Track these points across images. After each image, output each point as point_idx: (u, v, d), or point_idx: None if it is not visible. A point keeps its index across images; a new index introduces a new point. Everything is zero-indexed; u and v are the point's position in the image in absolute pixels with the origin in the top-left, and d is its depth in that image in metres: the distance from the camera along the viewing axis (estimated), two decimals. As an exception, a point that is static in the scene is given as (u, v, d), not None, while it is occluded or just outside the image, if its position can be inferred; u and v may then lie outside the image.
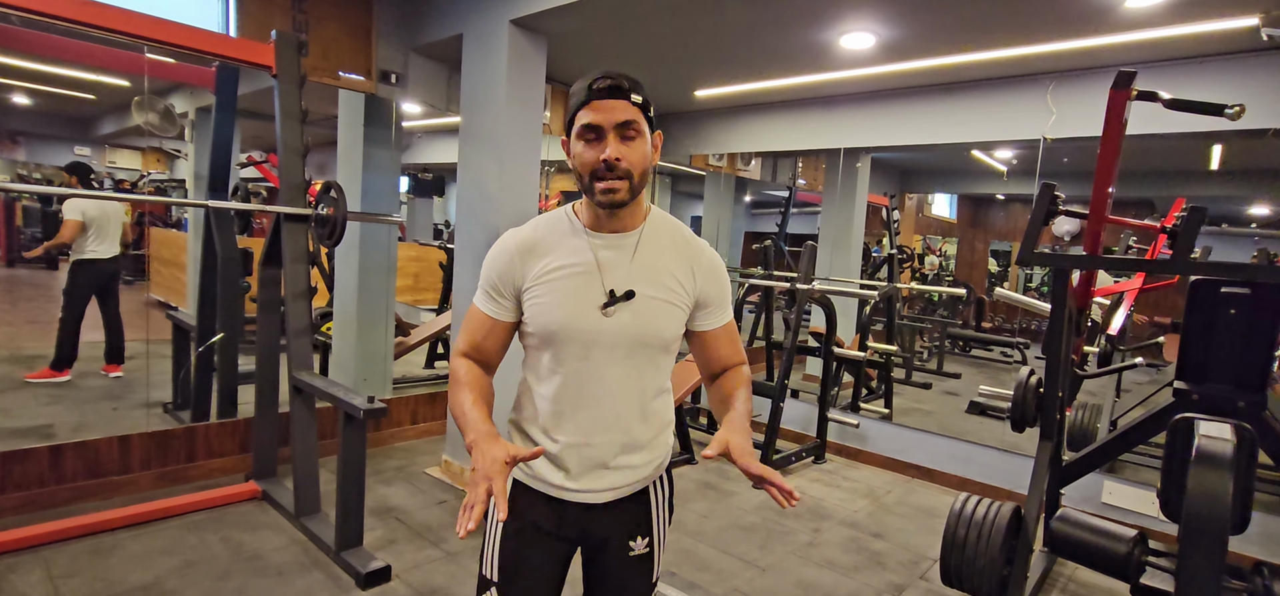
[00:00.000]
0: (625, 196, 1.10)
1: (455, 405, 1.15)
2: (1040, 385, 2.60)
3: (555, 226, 1.19)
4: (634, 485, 1.22)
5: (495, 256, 1.19)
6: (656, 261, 1.17)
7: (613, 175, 1.08)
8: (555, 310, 1.14)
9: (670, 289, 1.17)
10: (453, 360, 1.22)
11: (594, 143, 1.09)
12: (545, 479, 1.19)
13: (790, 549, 3.06)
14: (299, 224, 2.93)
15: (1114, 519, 3.44)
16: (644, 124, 1.11)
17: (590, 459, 1.17)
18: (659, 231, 1.20)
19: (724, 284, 1.24)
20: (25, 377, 4.40)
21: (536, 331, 1.16)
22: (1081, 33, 3.05)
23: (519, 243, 1.18)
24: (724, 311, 1.25)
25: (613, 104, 1.08)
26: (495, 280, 1.18)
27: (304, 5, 3.42)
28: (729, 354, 1.27)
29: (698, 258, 1.21)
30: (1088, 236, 2.30)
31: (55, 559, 2.46)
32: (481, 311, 1.21)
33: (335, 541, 2.57)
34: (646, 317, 1.15)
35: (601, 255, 1.15)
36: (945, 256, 8.09)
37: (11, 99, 7.36)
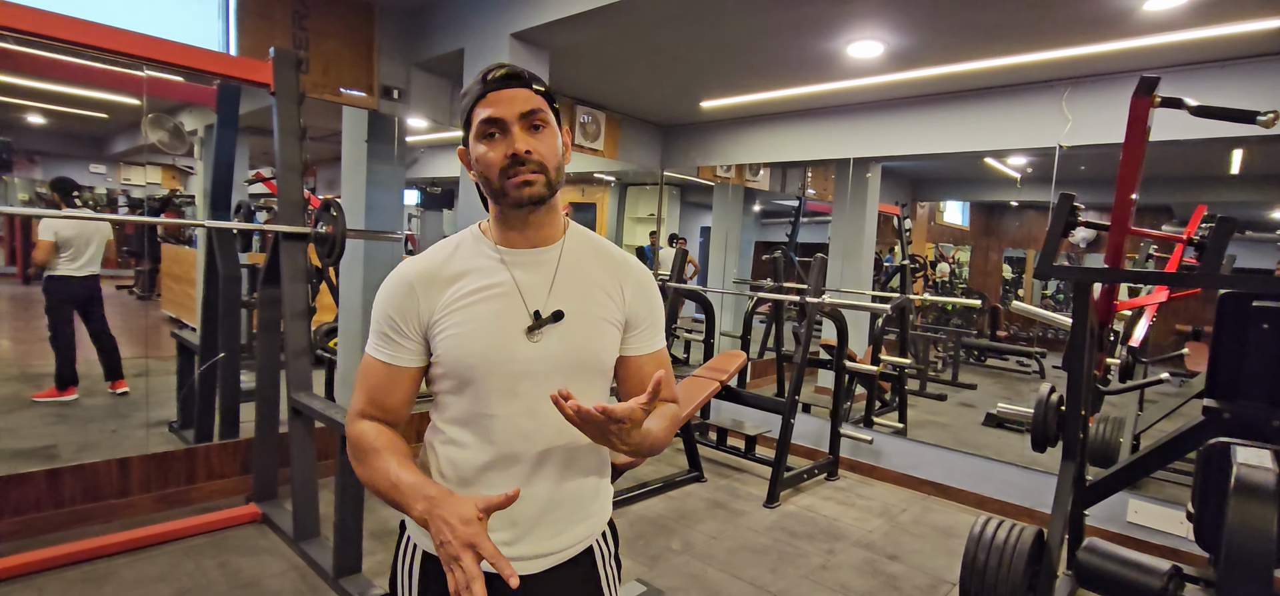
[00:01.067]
0: (543, 191, 0.97)
1: (378, 477, 0.95)
2: (1062, 402, 2.50)
3: (460, 248, 1.04)
4: (580, 544, 1.06)
5: (390, 292, 1.01)
6: (582, 277, 1.04)
7: (525, 168, 0.95)
8: (472, 341, 0.97)
9: (601, 305, 1.04)
10: (350, 425, 1.03)
11: (497, 139, 0.96)
12: None
13: (803, 572, 2.97)
14: (297, 243, 2.89)
15: (1140, 540, 3.33)
16: (550, 115, 0.99)
17: (529, 519, 1.00)
18: (582, 245, 1.07)
19: (655, 304, 1.10)
20: (32, 396, 4.40)
21: (450, 370, 0.99)
22: (1098, 37, 2.96)
23: (419, 271, 1.01)
24: (655, 336, 1.11)
25: (513, 93, 0.96)
26: (393, 318, 1.00)
27: (304, 23, 3.40)
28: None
29: (625, 273, 1.08)
30: (1110, 248, 2.21)
31: (48, 586, 2.42)
32: (378, 361, 1.01)
33: (333, 567, 2.51)
34: (580, 339, 1.01)
35: (518, 274, 1.01)
36: (959, 263, 7.96)
37: (27, 119, 7.45)
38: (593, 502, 1.08)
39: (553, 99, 1.02)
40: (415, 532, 1.05)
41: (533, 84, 0.98)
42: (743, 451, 4.34)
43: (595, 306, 1.03)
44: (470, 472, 1.00)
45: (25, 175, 8.54)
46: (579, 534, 1.05)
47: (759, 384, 6.24)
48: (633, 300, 1.07)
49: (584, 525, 1.06)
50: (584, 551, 1.07)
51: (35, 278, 9.01)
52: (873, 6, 2.82)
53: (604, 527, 1.12)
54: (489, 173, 0.97)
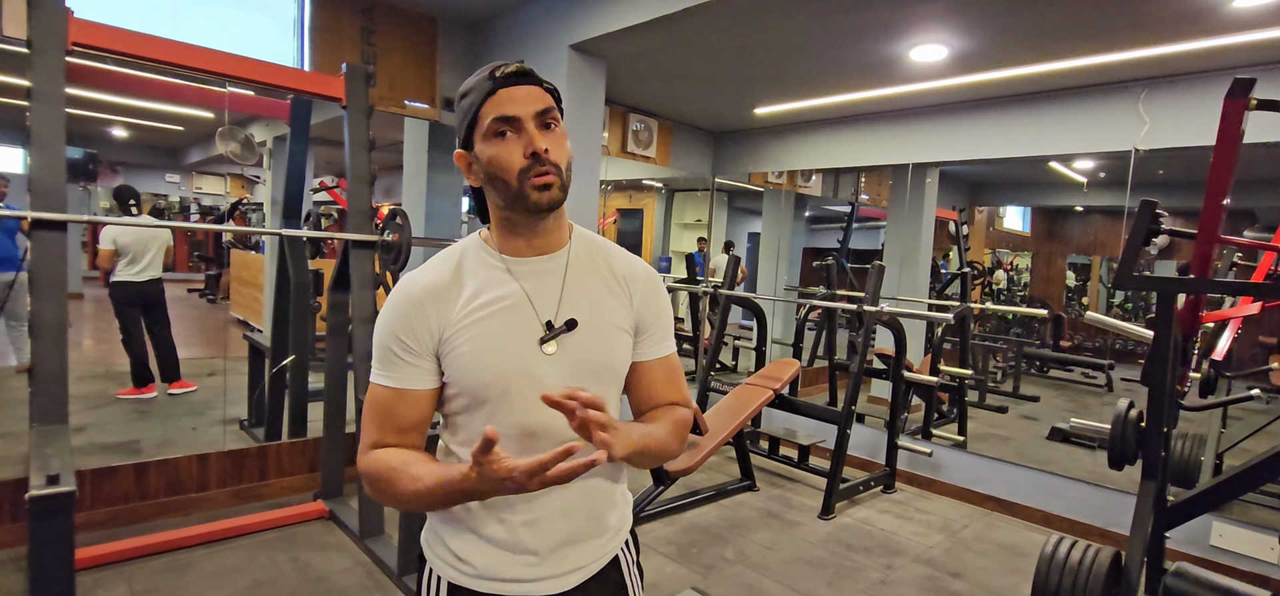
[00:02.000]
0: (559, 195, 0.92)
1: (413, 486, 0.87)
2: (1141, 419, 2.38)
3: (464, 259, 0.98)
4: (605, 557, 1.02)
5: (397, 310, 0.95)
6: (591, 282, 1.00)
7: (545, 170, 0.90)
8: (487, 357, 0.92)
9: (612, 310, 1.00)
10: (362, 460, 0.94)
11: (511, 138, 0.90)
12: (501, 575, 0.96)
13: (861, 586, 2.91)
14: (366, 250, 3.00)
15: (1226, 565, 3.14)
16: (559, 115, 0.95)
17: (554, 536, 0.96)
18: (588, 249, 1.02)
19: (663, 307, 1.05)
20: (117, 394, 4.67)
21: (464, 388, 0.94)
22: (1179, 36, 2.82)
23: (427, 285, 0.95)
24: (664, 340, 1.06)
25: (527, 91, 0.91)
26: (402, 338, 0.94)
27: (372, 39, 3.53)
28: (668, 393, 1.06)
29: (633, 275, 1.03)
30: (1197, 257, 2.10)
31: (136, 574, 2.56)
32: (386, 388, 0.94)
33: (397, 565, 2.58)
34: (595, 347, 0.97)
35: (527, 284, 0.96)
36: (1017, 269, 7.69)
37: (110, 132, 7.94)
38: (611, 512, 1.04)
39: (560, 100, 0.97)
40: (438, 564, 1.00)
41: (543, 82, 0.94)
42: (796, 461, 4.28)
43: (606, 313, 1.00)
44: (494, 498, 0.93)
45: (108, 184, 9.09)
46: (602, 546, 1.02)
47: (809, 392, 6.15)
48: (641, 304, 1.03)
49: (606, 536, 1.03)
50: (610, 563, 1.04)
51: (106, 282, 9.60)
52: (938, 10, 2.76)
53: (627, 537, 1.09)
54: (505, 174, 0.91)
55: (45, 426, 2.10)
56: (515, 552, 0.95)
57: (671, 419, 1.03)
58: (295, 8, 3.49)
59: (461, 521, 0.97)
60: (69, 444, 2.04)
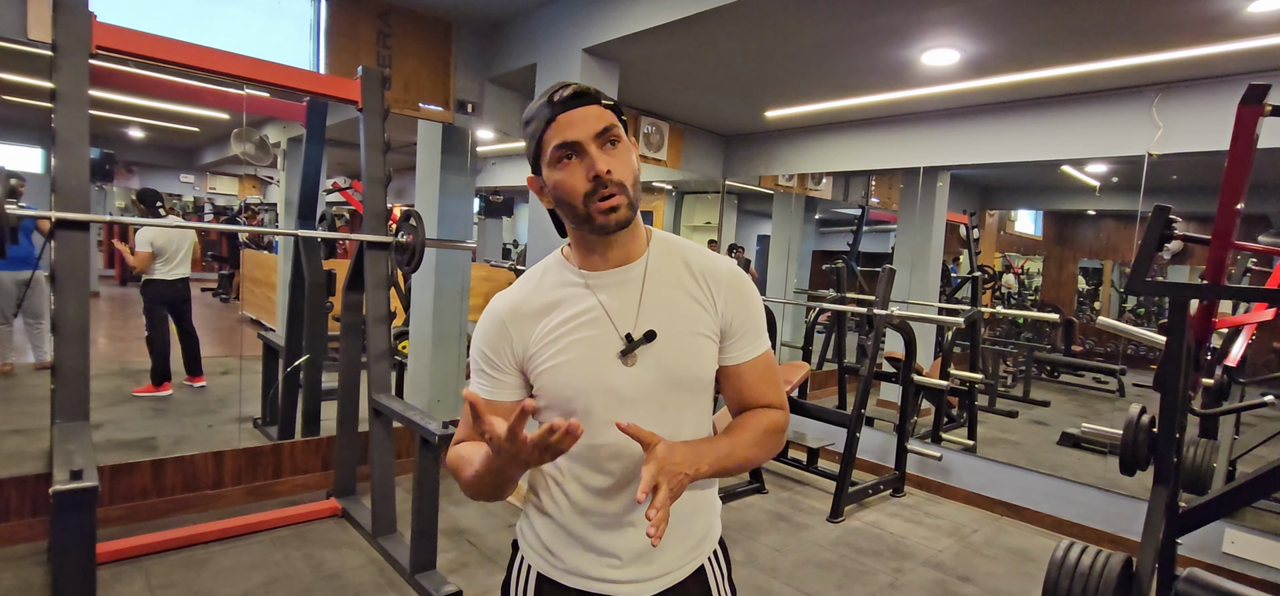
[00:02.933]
0: (627, 213, 0.93)
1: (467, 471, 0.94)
2: (1153, 424, 2.38)
3: (546, 277, 1.02)
4: (689, 565, 1.03)
5: (484, 329, 1.01)
6: (670, 290, 0.99)
7: (609, 192, 0.91)
8: (568, 373, 0.96)
9: (693, 318, 0.99)
10: (449, 453, 1.01)
11: (574, 162, 0.92)
12: (587, 573, 0.99)
13: (870, 590, 2.91)
14: (380, 251, 3.03)
15: (1239, 573, 3.12)
16: (622, 130, 0.95)
17: (638, 542, 0.98)
18: (666, 255, 1.01)
19: (752, 304, 1.03)
20: (133, 392, 4.73)
21: (551, 402, 0.98)
22: (1194, 41, 2.81)
23: (509, 306, 1.00)
24: (756, 340, 1.03)
25: (584, 112, 0.91)
26: (489, 355, 1.00)
27: (387, 42, 3.57)
28: (763, 394, 1.04)
29: (716, 276, 1.01)
30: (1211, 263, 2.09)
31: (154, 569, 2.60)
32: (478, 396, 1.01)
33: (410, 563, 2.61)
34: (674, 358, 0.97)
35: (604, 298, 0.98)
36: (1028, 273, 7.65)
37: (127, 133, 8.05)
38: (695, 521, 1.03)
39: (620, 112, 0.97)
40: (529, 554, 1.05)
41: (602, 99, 0.94)
42: (804, 464, 4.28)
43: (687, 321, 0.99)
44: (583, 502, 0.99)
45: (124, 185, 9.21)
46: (685, 555, 1.02)
47: (818, 395, 6.14)
48: (727, 306, 1.01)
49: (688, 544, 1.03)
50: (695, 573, 1.04)
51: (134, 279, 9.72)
52: (950, 14, 2.76)
53: (714, 547, 1.08)
54: (571, 199, 0.93)
55: (67, 423, 2.14)
56: (599, 554, 0.99)
57: (760, 426, 1.01)
58: (312, 11, 3.53)
59: (553, 517, 1.01)
60: (91, 440, 2.08)
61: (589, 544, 0.99)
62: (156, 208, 4.74)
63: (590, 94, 0.93)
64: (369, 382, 2.94)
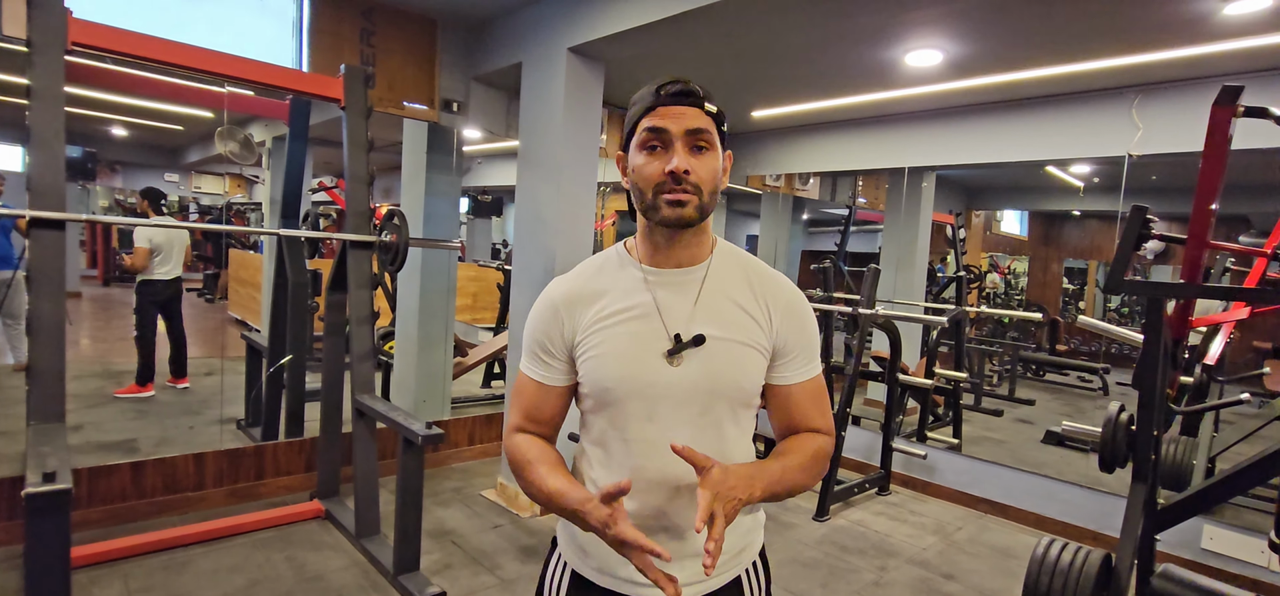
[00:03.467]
0: (694, 214, 0.94)
1: (536, 487, 0.97)
2: (1132, 422, 2.40)
3: (605, 266, 1.03)
4: (724, 575, 1.02)
5: (538, 312, 1.04)
6: (727, 299, 0.99)
7: (680, 188, 0.92)
8: (611, 363, 0.97)
9: (745, 330, 0.99)
10: (508, 440, 1.05)
11: (659, 153, 0.94)
12: (618, 573, 0.99)
13: (855, 588, 2.92)
14: (364, 250, 3.01)
15: (1217, 568, 3.16)
16: (716, 137, 0.96)
17: (667, 546, 0.97)
18: (728, 265, 1.02)
19: (809, 328, 1.03)
20: (114, 393, 4.67)
21: (591, 390, 0.99)
22: (1172, 43, 2.84)
23: (564, 293, 1.02)
24: (808, 363, 1.03)
25: (683, 110, 0.93)
26: (541, 339, 1.02)
27: (371, 39, 3.55)
28: (811, 418, 1.03)
29: (775, 295, 1.02)
30: (1187, 262, 2.12)
31: (133, 572, 2.57)
32: (530, 379, 1.04)
33: (393, 565, 2.60)
34: (721, 365, 0.97)
35: (660, 294, 0.98)
36: (1015, 273, 7.72)
37: (110, 131, 7.95)
38: (733, 533, 1.00)
39: (722, 121, 0.98)
40: (567, 551, 1.07)
41: (706, 102, 0.95)
42: (791, 463, 4.29)
43: (739, 331, 0.98)
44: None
45: (107, 184, 9.10)
46: (723, 563, 1.01)
47: (807, 395, 6.15)
48: (782, 325, 1.01)
49: (725, 556, 1.00)
50: (730, 583, 1.03)
51: (117, 279, 9.63)
52: (933, 15, 2.78)
53: (754, 559, 1.07)
54: (644, 185, 0.95)
55: (42, 424, 2.11)
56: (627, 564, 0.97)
57: (808, 451, 1.00)
58: (294, 8, 3.50)
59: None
60: (66, 441, 2.05)
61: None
62: (161, 207, 4.77)
63: (697, 94, 0.95)
64: (352, 383, 2.92)
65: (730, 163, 1.02)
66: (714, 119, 0.96)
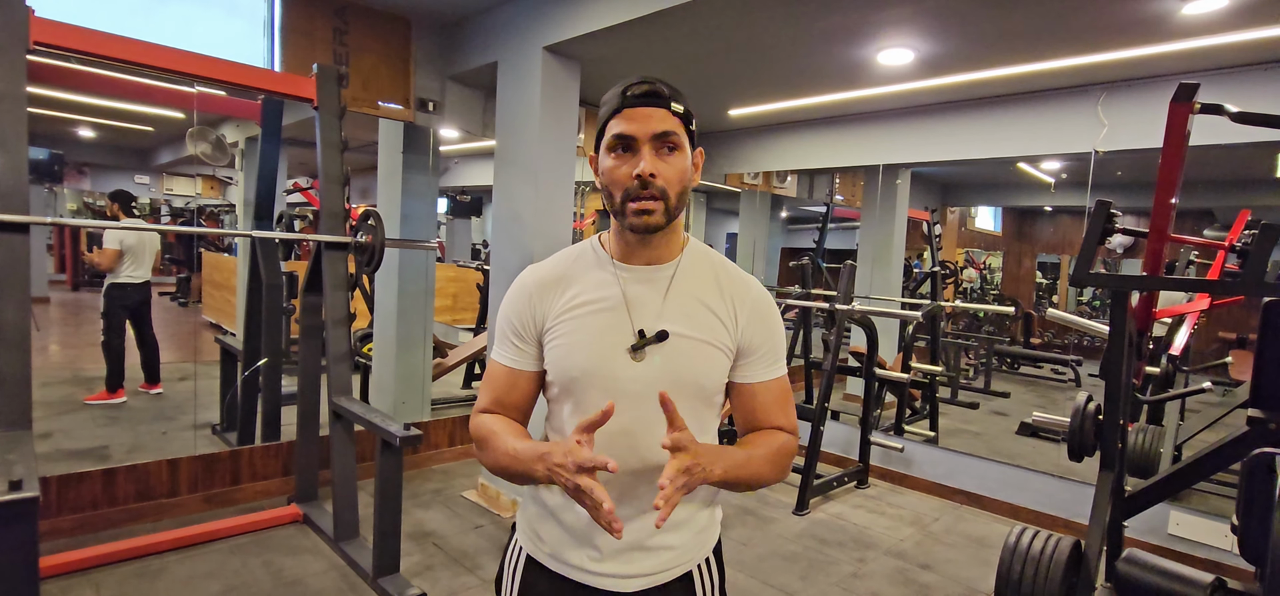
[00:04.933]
0: (660, 219, 0.95)
1: (499, 455, 0.97)
2: (1099, 412, 2.46)
3: (579, 258, 1.06)
4: (674, 569, 1.03)
5: (512, 298, 1.05)
6: (694, 298, 1.01)
7: (646, 194, 0.94)
8: (577, 353, 0.99)
9: (709, 328, 1.01)
10: (473, 420, 1.05)
11: (626, 156, 0.95)
12: (567, 559, 1.02)
13: (833, 580, 2.96)
14: (339, 252, 2.98)
15: (1175, 551, 3.25)
16: (684, 137, 0.97)
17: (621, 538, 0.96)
18: (697, 264, 1.04)
19: (774, 329, 1.05)
20: (85, 400, 4.58)
21: (557, 378, 1.01)
22: (1134, 42, 2.92)
23: (538, 279, 1.04)
24: (773, 364, 1.05)
25: (649, 112, 0.94)
26: (514, 323, 1.04)
27: (345, 39, 3.51)
28: (775, 417, 1.05)
29: (742, 296, 1.04)
30: (1148, 255, 2.18)
31: (105, 581, 2.53)
32: (501, 365, 1.05)
33: (373, 567, 2.58)
34: (683, 362, 0.99)
35: (630, 290, 1.00)
36: (990, 269, 7.85)
37: (77, 133, 7.77)
38: (686, 527, 1.03)
39: (690, 120, 0.99)
40: (523, 537, 1.09)
41: (671, 103, 0.96)
42: (771, 458, 4.33)
43: (703, 329, 1.00)
44: None
45: (74, 186, 8.90)
46: (671, 560, 1.02)
47: (787, 391, 6.20)
48: (747, 326, 1.03)
49: (674, 551, 1.02)
50: (680, 578, 1.04)
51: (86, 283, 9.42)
52: (904, 15, 2.82)
53: (708, 555, 1.08)
54: (613, 189, 0.97)
55: (8, 431, 2.07)
56: (581, 544, 1.01)
57: (773, 445, 1.02)
58: (265, 8, 3.45)
59: (546, 504, 1.05)
60: (33, 449, 2.01)
61: (572, 529, 1.01)
62: (131, 209, 4.68)
63: (662, 95, 0.96)
64: (329, 386, 2.89)
65: (701, 160, 1.03)
66: (681, 118, 0.97)
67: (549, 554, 1.04)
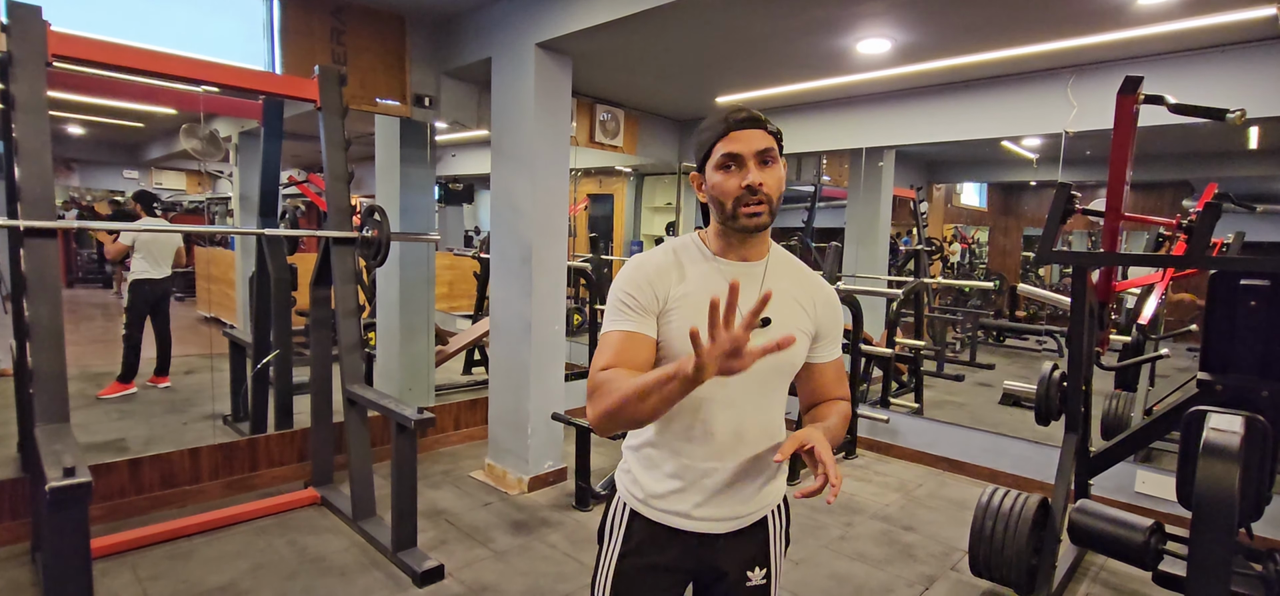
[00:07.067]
0: (768, 220, 1.14)
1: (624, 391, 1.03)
2: (1064, 378, 2.66)
3: (684, 252, 1.22)
4: (755, 514, 1.24)
5: (631, 276, 1.18)
6: (784, 291, 1.19)
7: (756, 200, 1.12)
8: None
9: (797, 316, 1.20)
10: (592, 379, 1.13)
11: (734, 171, 1.13)
12: (667, 508, 1.21)
13: (822, 543, 3.16)
14: (346, 246, 3.12)
15: (1143, 508, 3.47)
16: (778, 153, 1.15)
17: (716, 487, 1.19)
18: (783, 262, 1.24)
19: (838, 319, 1.28)
20: (98, 395, 4.71)
21: (670, 356, 1.15)
22: (1096, 29, 3.07)
23: (656, 264, 1.19)
24: (834, 346, 1.28)
25: (752, 134, 1.12)
26: (635, 297, 1.16)
27: (342, 39, 3.62)
28: (839, 388, 1.28)
29: (817, 290, 1.25)
30: (1105, 233, 2.35)
31: (140, 563, 2.69)
32: (619, 330, 1.15)
33: (392, 542, 2.75)
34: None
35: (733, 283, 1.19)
36: (979, 244, 8.03)
37: (66, 130, 7.78)
38: (770, 482, 1.25)
39: (781, 138, 1.17)
40: (625, 494, 1.27)
41: (767, 125, 1.14)
42: (763, 432, 4.52)
43: (792, 317, 1.20)
44: (674, 443, 1.19)
45: (63, 182, 8.91)
46: (756, 505, 1.24)
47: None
48: (821, 314, 1.24)
49: (760, 499, 1.24)
50: (759, 521, 1.26)
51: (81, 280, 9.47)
52: (879, 8, 2.97)
53: (778, 503, 1.30)
54: (724, 199, 1.14)
55: (49, 424, 2.22)
56: (685, 492, 1.19)
57: (842, 413, 1.24)
58: (264, 10, 3.55)
59: (653, 460, 1.22)
60: (74, 440, 2.16)
61: (677, 482, 1.19)
62: (153, 209, 4.85)
63: (761, 120, 1.14)
64: (342, 374, 3.04)
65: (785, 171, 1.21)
66: (776, 137, 1.16)
67: (652, 504, 1.22)
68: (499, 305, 3.71)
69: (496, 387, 3.77)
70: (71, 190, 8.99)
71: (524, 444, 3.57)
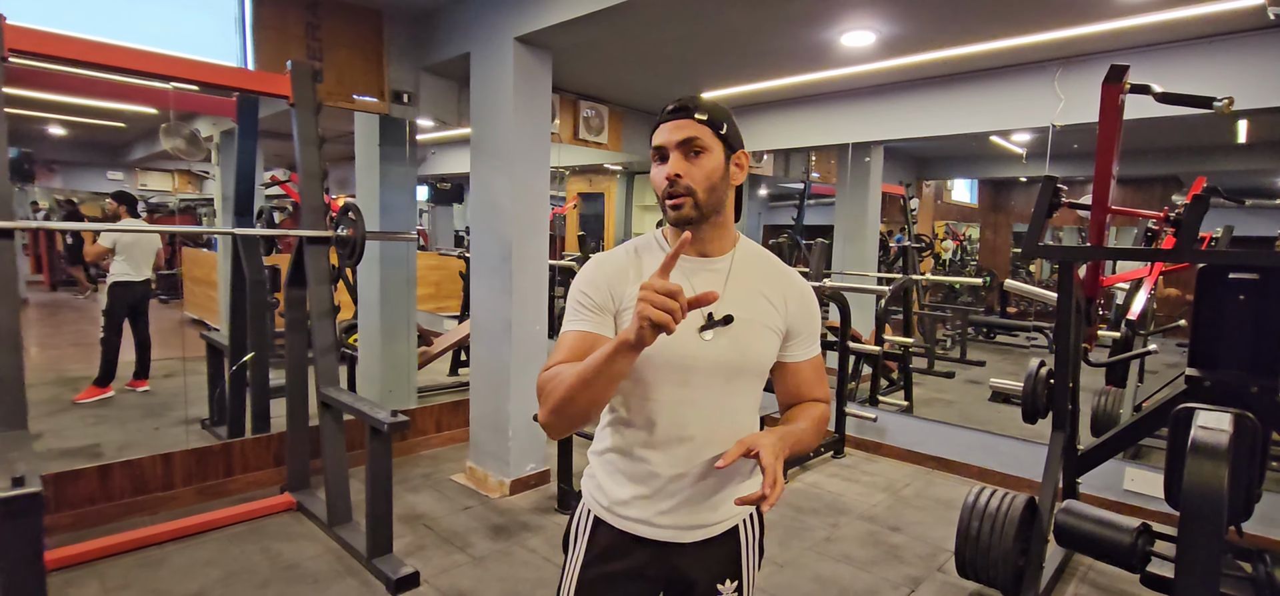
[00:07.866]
0: (690, 212, 1.08)
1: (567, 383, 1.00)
2: (1050, 376, 2.61)
3: (645, 250, 1.18)
4: (724, 523, 1.18)
5: (589, 276, 1.15)
6: (750, 287, 1.15)
7: (676, 191, 1.08)
8: None
9: (765, 314, 1.15)
10: (541, 376, 1.09)
11: (662, 164, 1.10)
12: (632, 516, 1.15)
13: (808, 544, 3.11)
14: (320, 246, 3.05)
15: (1132, 506, 3.44)
16: (711, 141, 1.09)
17: (683, 495, 1.13)
18: (750, 258, 1.19)
19: (814, 316, 1.21)
20: (73, 400, 4.62)
21: None
22: (1080, 20, 3.04)
23: (616, 265, 1.15)
24: (811, 344, 1.22)
25: (677, 124, 1.09)
26: (591, 295, 1.13)
27: (318, 33, 3.54)
28: (814, 389, 1.22)
29: (789, 286, 1.19)
30: (1092, 227, 2.31)
31: (108, 572, 2.61)
32: (575, 330, 1.12)
33: (367, 549, 2.68)
34: (745, 343, 1.12)
35: (695, 280, 1.12)
36: (970, 240, 8.01)
37: (47, 130, 7.66)
38: (739, 490, 1.17)
39: (719, 126, 1.10)
40: (589, 501, 1.22)
41: (696, 113, 1.09)
42: (751, 432, 4.47)
43: (760, 314, 1.14)
44: (633, 446, 1.14)
45: (45, 184, 8.79)
46: (724, 513, 1.17)
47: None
48: (794, 311, 1.18)
49: (729, 507, 1.17)
50: (729, 530, 1.19)
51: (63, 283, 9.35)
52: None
53: (750, 512, 1.23)
54: (657, 191, 1.12)
55: (6, 432, 2.14)
56: (649, 499, 1.14)
57: (814, 417, 1.18)
58: (237, 5, 3.47)
59: (616, 466, 1.17)
60: (31, 447, 2.08)
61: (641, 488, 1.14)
62: (137, 211, 4.81)
63: (687, 109, 1.09)
64: (317, 377, 2.97)
65: (745, 160, 1.15)
66: (708, 124, 1.09)
67: (616, 511, 1.17)
68: (479, 305, 3.64)
69: (477, 389, 3.70)
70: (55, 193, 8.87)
71: (505, 446, 3.51)
